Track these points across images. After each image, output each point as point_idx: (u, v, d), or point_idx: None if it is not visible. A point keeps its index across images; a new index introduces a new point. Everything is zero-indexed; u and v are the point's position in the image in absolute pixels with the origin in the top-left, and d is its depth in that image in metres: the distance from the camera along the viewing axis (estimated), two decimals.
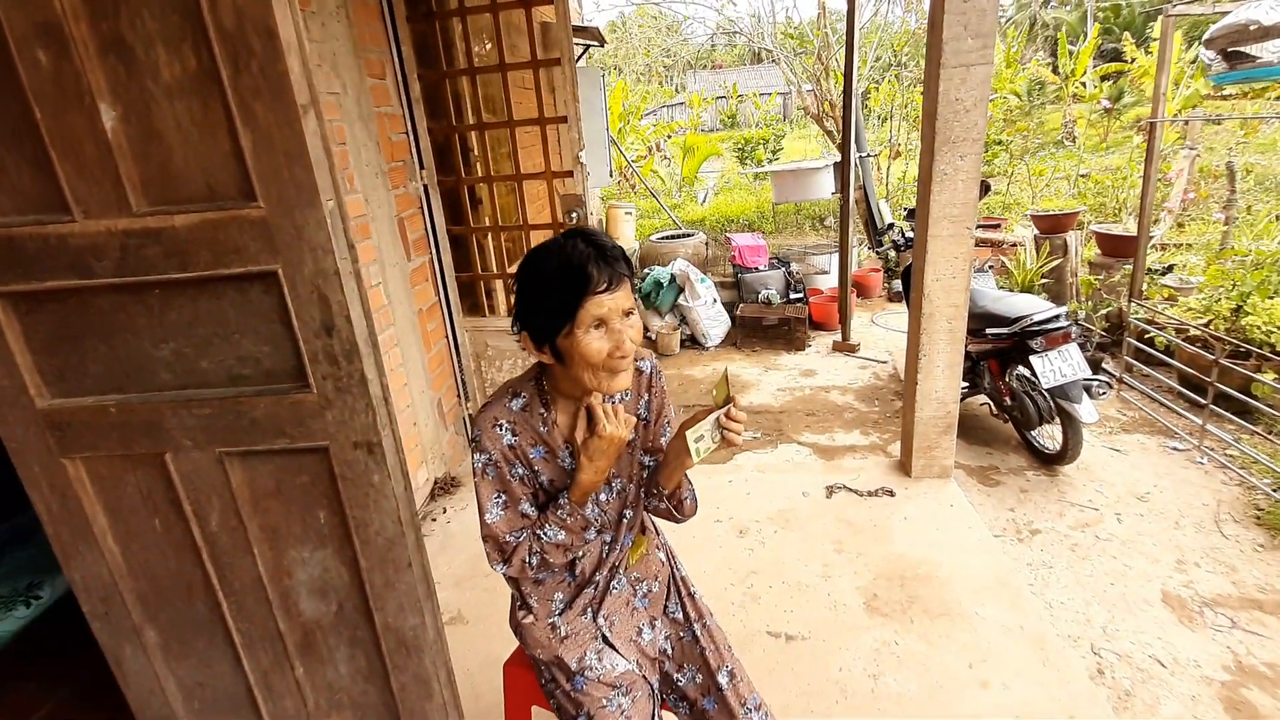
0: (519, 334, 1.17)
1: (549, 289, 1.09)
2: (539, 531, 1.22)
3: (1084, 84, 9.09)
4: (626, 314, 1.12)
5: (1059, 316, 2.99)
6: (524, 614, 1.33)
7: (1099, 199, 6.66)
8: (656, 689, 1.34)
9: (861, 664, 2.08)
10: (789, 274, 5.45)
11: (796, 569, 2.53)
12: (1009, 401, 3.20)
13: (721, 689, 1.32)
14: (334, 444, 1.18)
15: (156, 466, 1.23)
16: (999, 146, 7.89)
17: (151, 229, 1.05)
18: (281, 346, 1.13)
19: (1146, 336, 3.80)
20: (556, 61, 2.86)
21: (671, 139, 12.50)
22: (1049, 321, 2.97)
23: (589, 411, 1.18)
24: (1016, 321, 3.03)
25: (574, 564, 1.33)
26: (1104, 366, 4.07)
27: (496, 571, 1.25)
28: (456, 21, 3.04)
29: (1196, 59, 7.43)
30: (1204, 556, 2.52)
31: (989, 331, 3.15)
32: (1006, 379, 3.19)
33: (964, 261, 2.71)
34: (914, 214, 4.45)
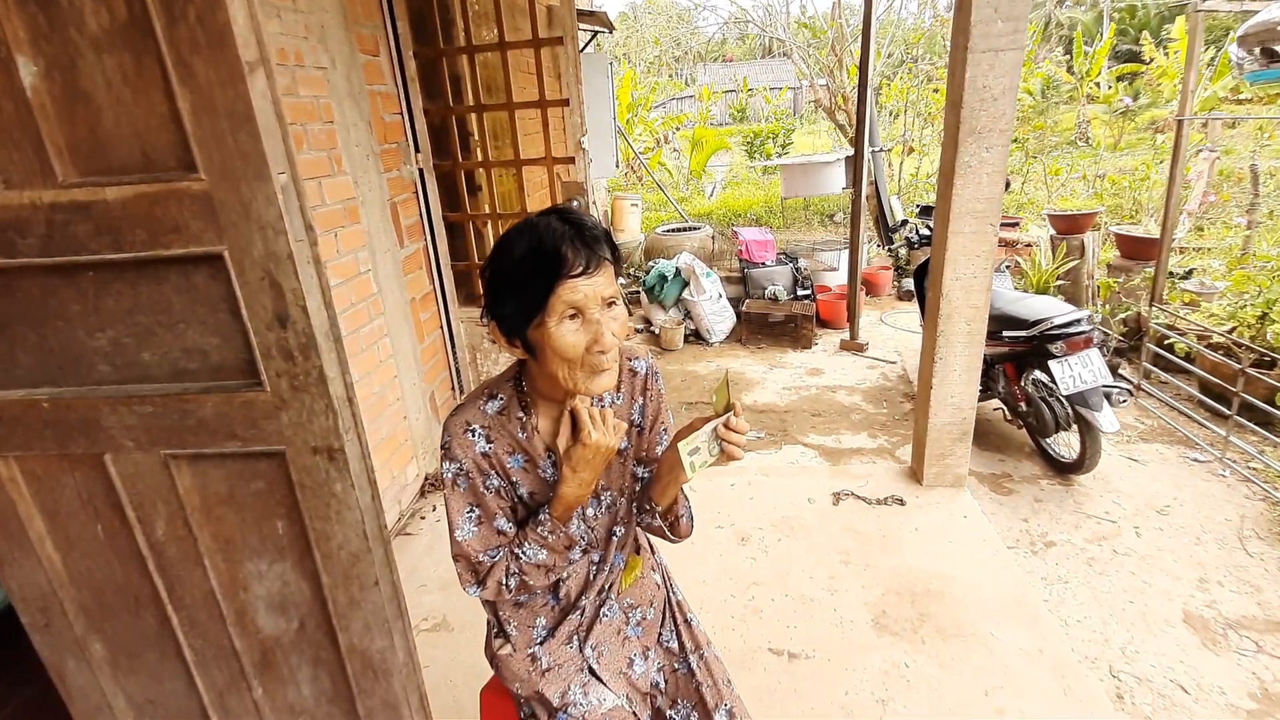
0: (487, 324, 1.04)
1: (517, 272, 0.96)
2: (517, 550, 1.09)
3: (1098, 84, 8.92)
4: (608, 303, 0.98)
5: (1081, 320, 2.84)
6: (500, 643, 1.20)
7: (1115, 200, 6.51)
8: None
9: (869, 687, 1.96)
10: (796, 270, 5.33)
11: (801, 581, 2.41)
12: (1024, 407, 3.06)
13: None
14: (290, 448, 1.05)
15: (96, 468, 1.11)
16: (1014, 144, 7.73)
17: (80, 202, 0.92)
18: (231, 339, 1.00)
19: (1166, 342, 3.67)
20: (559, 40, 2.72)
21: (680, 131, 12.35)
22: (1070, 325, 2.83)
23: (573, 416, 1.04)
24: (1036, 324, 2.89)
25: (558, 585, 1.19)
26: (1120, 372, 3.94)
27: (469, 595, 1.12)
28: None
29: (1213, 61, 7.26)
30: (1227, 575, 2.40)
31: (1006, 334, 3.01)
32: (1023, 383, 3.06)
33: (986, 260, 2.56)
34: (927, 210, 4.33)
